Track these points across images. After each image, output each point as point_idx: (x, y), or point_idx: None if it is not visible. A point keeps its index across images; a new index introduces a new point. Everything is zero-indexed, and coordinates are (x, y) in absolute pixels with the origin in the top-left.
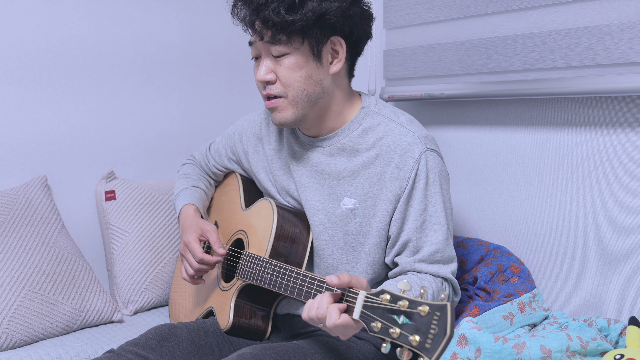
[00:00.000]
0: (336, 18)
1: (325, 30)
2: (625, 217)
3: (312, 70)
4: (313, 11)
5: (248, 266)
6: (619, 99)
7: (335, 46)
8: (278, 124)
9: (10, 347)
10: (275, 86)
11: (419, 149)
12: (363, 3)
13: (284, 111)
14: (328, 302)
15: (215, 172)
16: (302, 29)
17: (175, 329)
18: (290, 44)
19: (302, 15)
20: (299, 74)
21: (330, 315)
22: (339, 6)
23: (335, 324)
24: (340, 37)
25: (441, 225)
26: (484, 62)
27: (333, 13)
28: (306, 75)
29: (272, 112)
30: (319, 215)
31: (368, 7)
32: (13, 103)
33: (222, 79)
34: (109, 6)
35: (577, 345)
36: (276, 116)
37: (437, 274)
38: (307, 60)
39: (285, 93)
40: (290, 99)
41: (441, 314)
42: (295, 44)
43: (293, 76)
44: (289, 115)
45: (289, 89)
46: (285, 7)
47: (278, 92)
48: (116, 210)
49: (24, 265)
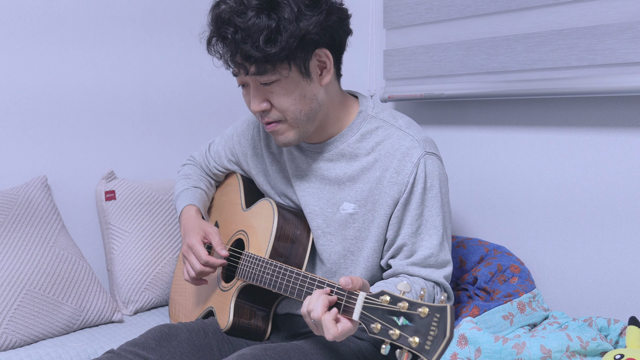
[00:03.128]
0: (317, 35)
1: (308, 48)
2: (625, 217)
3: (304, 89)
4: (293, 36)
5: (248, 266)
6: (619, 99)
7: (321, 58)
8: (282, 146)
9: (10, 347)
10: (272, 113)
11: (417, 153)
12: (336, 4)
13: (286, 133)
14: (323, 305)
15: (215, 173)
16: (287, 57)
17: (175, 329)
18: (277, 71)
19: (283, 44)
20: (292, 97)
21: (327, 330)
22: (317, 21)
23: (335, 336)
24: (324, 48)
25: (437, 229)
26: (484, 62)
27: (313, 30)
28: (300, 95)
29: (274, 135)
30: (317, 220)
31: (341, 5)
32: (14, 103)
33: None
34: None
35: (577, 345)
36: (279, 139)
37: (429, 277)
38: (297, 82)
39: (283, 117)
40: (291, 122)
41: (441, 315)
42: (283, 71)
43: (288, 100)
44: (291, 137)
45: (286, 113)
46: (264, 39)
47: (276, 117)
48: (116, 210)
49: (24, 265)
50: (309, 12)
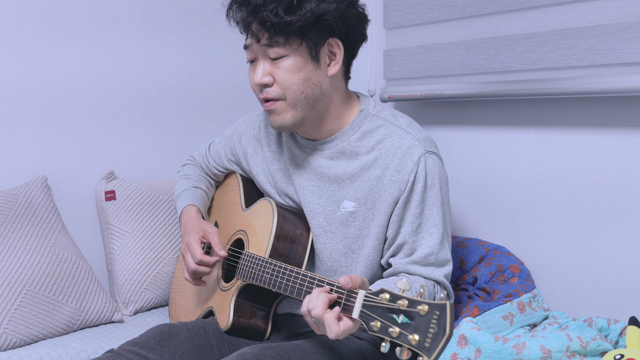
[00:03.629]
0: (334, 19)
1: (323, 31)
2: (625, 217)
3: (310, 72)
4: (311, 12)
5: (248, 266)
6: (619, 99)
7: (332, 48)
8: (277, 127)
9: (10, 347)
10: (273, 89)
11: (418, 152)
12: (359, 5)
13: (283, 114)
14: (324, 303)
15: (215, 173)
16: (301, 30)
17: (176, 328)
18: (288, 45)
19: (300, 16)
20: (297, 76)
21: (330, 329)
22: (336, 7)
23: (337, 335)
24: (337, 39)
25: (437, 228)
26: (484, 62)
27: (331, 14)
28: (305, 77)
29: (270, 114)
30: (318, 218)
31: (363, 9)
32: (14, 103)
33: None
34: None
35: (577, 345)
36: (275, 119)
37: (429, 276)
38: (305, 62)
39: (283, 95)
40: (289, 102)
41: (440, 313)
42: (294, 45)
43: (292, 78)
44: (288, 118)
45: (287, 91)
46: (284, 8)
47: (276, 94)
48: (116, 210)
49: (24, 265)
50: None
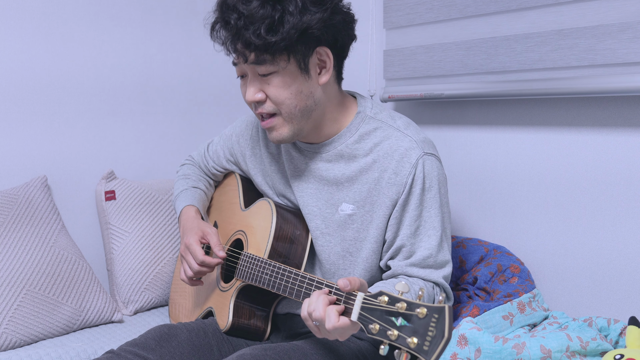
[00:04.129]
0: (319, 30)
1: (309, 43)
2: (625, 217)
3: (301, 85)
4: (295, 28)
5: (247, 267)
6: (619, 99)
7: (321, 57)
8: (277, 142)
9: (10, 347)
10: (267, 105)
11: (416, 154)
12: (343, 6)
13: (281, 129)
14: (324, 304)
15: (214, 173)
16: (287, 48)
17: (175, 329)
18: (275, 62)
19: (284, 34)
20: (288, 91)
21: (329, 318)
22: (320, 17)
23: (335, 327)
24: (325, 47)
25: (435, 230)
26: (484, 62)
27: (316, 26)
28: (296, 90)
29: (269, 131)
30: (316, 221)
31: (348, 9)
32: (14, 103)
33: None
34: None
35: (577, 345)
36: (274, 135)
37: (428, 278)
38: (295, 76)
39: (278, 110)
40: (285, 116)
41: (439, 316)
42: (282, 62)
43: (284, 94)
44: (285, 132)
45: (281, 106)
46: (266, 28)
47: (270, 109)
48: (116, 210)
49: (24, 265)
50: (314, 8)
